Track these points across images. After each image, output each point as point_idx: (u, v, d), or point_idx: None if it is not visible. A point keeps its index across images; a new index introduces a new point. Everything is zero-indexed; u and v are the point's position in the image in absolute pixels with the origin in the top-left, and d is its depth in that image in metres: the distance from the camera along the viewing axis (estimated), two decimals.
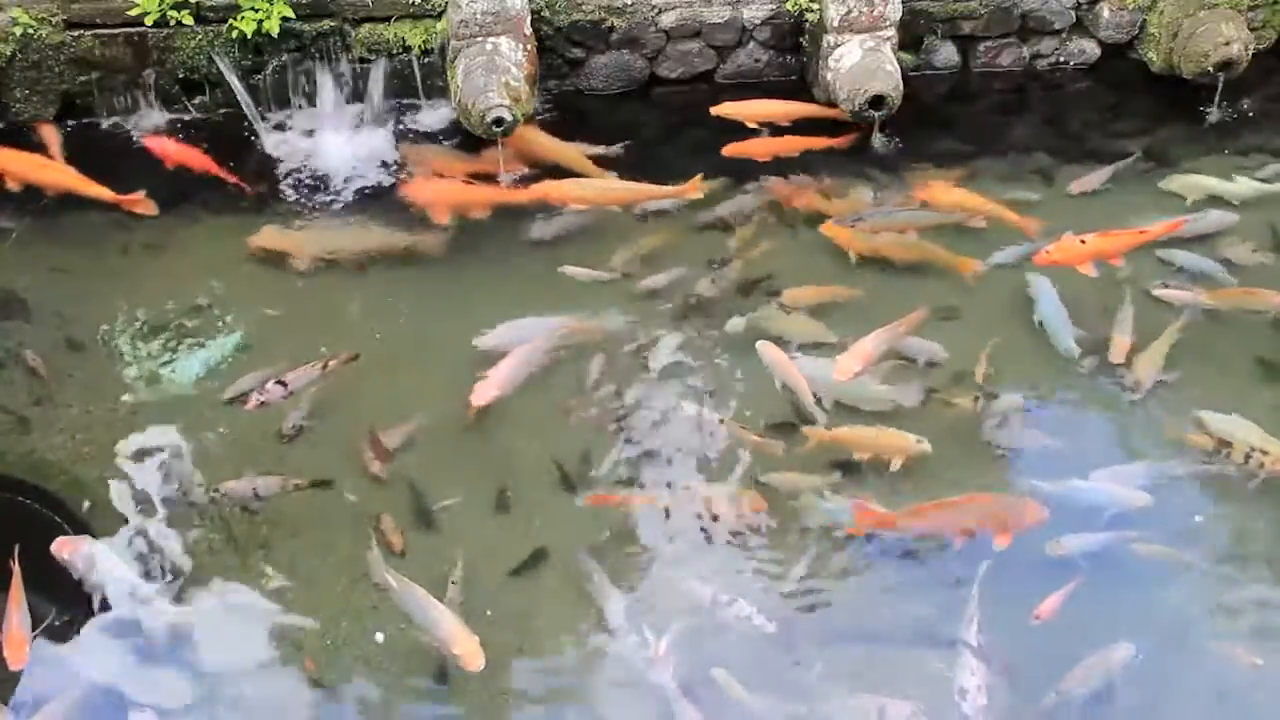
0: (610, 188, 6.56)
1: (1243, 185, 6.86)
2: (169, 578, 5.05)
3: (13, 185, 6.66)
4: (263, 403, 5.48)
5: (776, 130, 7.07)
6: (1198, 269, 6.39)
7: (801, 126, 7.12)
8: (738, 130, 7.04)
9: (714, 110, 7.04)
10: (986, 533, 5.07)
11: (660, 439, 5.61)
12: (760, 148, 6.93)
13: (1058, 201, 6.87)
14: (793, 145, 6.94)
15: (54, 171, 6.72)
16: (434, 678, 4.73)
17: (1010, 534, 5.04)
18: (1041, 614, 4.86)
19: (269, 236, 6.50)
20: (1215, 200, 6.79)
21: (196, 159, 6.85)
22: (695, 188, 6.54)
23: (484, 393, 5.52)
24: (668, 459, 5.54)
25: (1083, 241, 6.06)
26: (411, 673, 4.77)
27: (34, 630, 4.76)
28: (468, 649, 4.63)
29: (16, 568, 4.88)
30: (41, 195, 6.68)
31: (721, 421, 5.62)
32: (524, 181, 6.75)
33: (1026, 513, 5.10)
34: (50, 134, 7.02)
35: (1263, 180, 6.93)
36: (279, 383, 5.51)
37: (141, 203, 6.61)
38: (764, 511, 5.26)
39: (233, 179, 6.83)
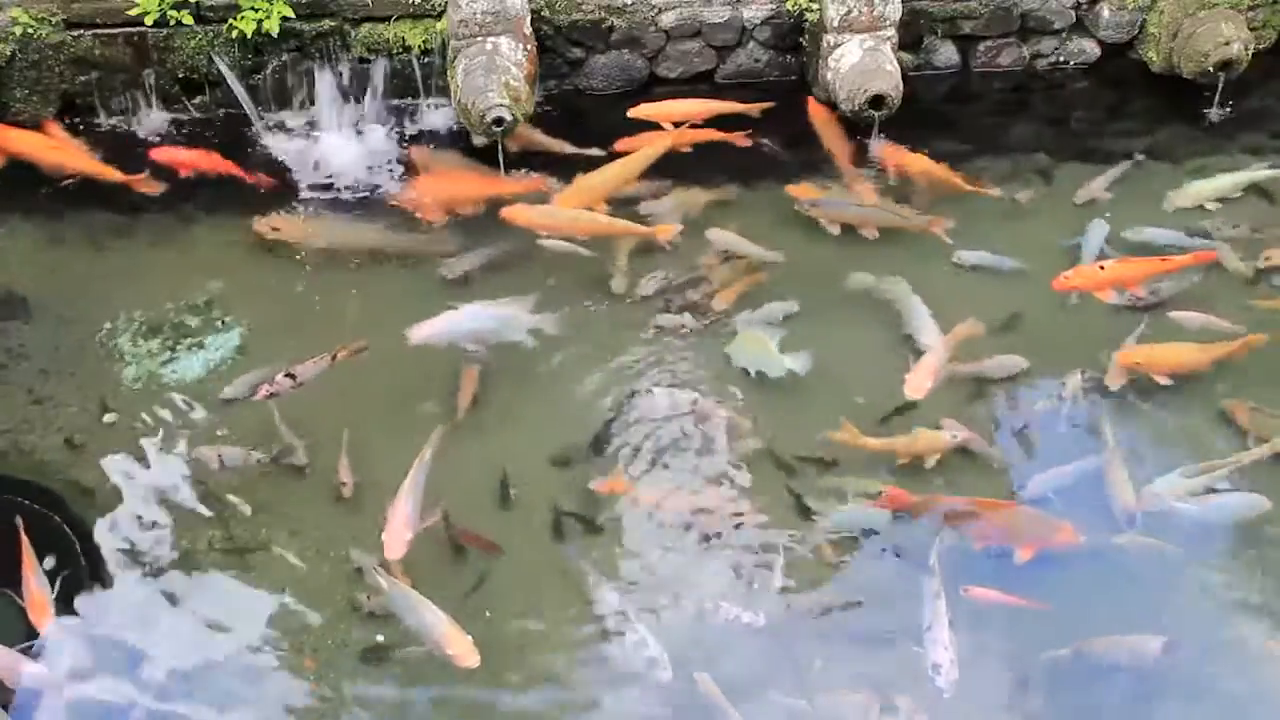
0: (579, 218, 6.41)
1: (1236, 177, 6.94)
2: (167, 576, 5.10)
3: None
4: (272, 394, 5.48)
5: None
6: (1168, 243, 6.46)
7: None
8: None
9: (630, 113, 6.97)
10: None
11: (647, 428, 5.66)
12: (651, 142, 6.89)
13: (1063, 207, 6.88)
14: (687, 138, 6.89)
15: (63, 152, 6.76)
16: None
17: (1035, 549, 5.04)
18: (972, 592, 4.90)
19: (273, 227, 6.53)
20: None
21: (209, 161, 6.85)
22: (668, 232, 6.44)
23: (396, 544, 4.95)
24: (657, 449, 5.58)
25: (1101, 268, 6.04)
26: (413, 673, 4.79)
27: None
28: (462, 648, 4.65)
29: (24, 539, 4.97)
30: (42, 182, 6.74)
31: (694, 403, 5.70)
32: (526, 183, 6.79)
33: (1059, 534, 5.07)
34: (54, 127, 7.03)
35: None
36: (288, 374, 5.52)
37: (147, 182, 6.67)
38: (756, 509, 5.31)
39: (251, 178, 6.85)
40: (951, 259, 6.45)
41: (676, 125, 6.96)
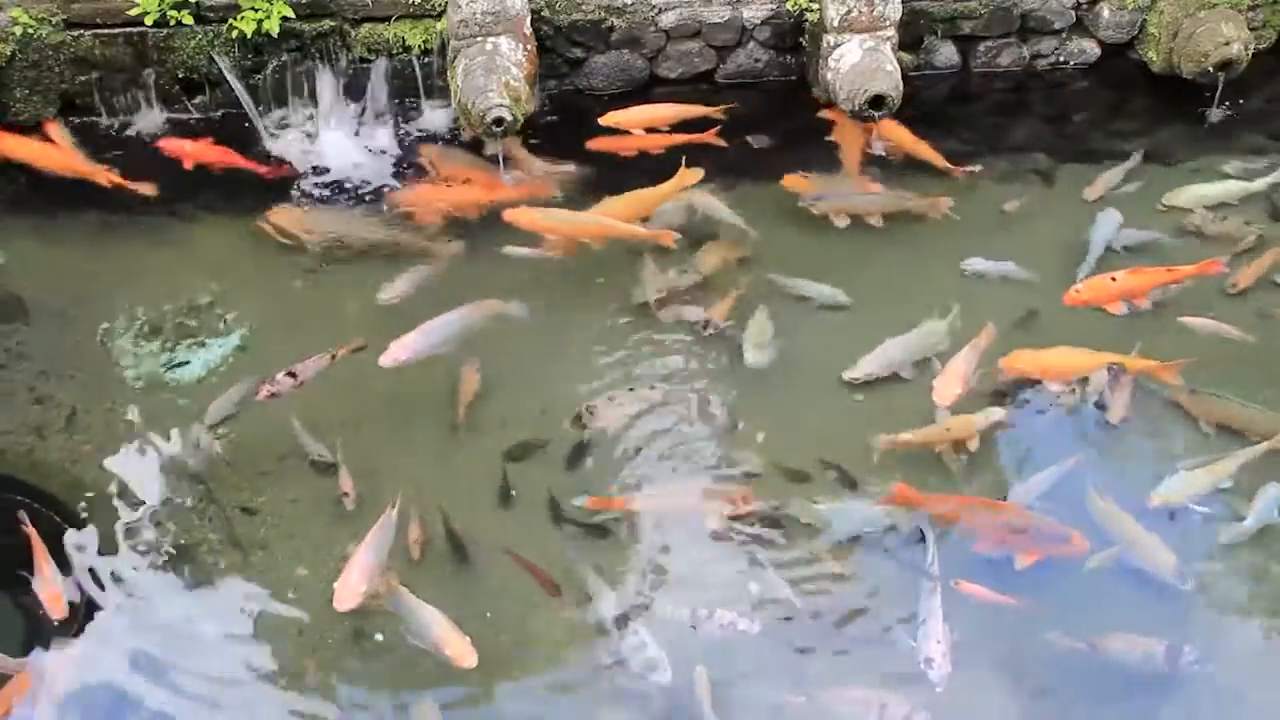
0: (580, 220, 6.40)
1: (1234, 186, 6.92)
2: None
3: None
4: (274, 394, 5.48)
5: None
6: (1147, 241, 6.53)
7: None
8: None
9: (601, 120, 6.97)
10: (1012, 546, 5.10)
11: (645, 427, 5.69)
12: (624, 143, 6.95)
13: (1063, 207, 6.89)
14: (659, 142, 6.93)
15: (60, 157, 6.78)
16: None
17: (1039, 556, 5.02)
18: (962, 585, 4.91)
19: (279, 218, 6.56)
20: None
21: (215, 154, 6.86)
22: (670, 238, 6.41)
23: (348, 596, 4.85)
24: (655, 449, 5.60)
25: (1113, 280, 6.03)
26: (411, 673, 4.79)
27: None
28: (459, 649, 4.66)
29: (33, 531, 5.01)
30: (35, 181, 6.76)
31: (652, 387, 5.76)
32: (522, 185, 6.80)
33: (1065, 540, 5.05)
34: (54, 128, 7.03)
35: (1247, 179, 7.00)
36: (289, 373, 5.51)
37: (145, 186, 6.69)
38: (753, 506, 5.31)
39: (258, 168, 6.87)
40: (960, 266, 6.45)
41: (648, 131, 6.99)
